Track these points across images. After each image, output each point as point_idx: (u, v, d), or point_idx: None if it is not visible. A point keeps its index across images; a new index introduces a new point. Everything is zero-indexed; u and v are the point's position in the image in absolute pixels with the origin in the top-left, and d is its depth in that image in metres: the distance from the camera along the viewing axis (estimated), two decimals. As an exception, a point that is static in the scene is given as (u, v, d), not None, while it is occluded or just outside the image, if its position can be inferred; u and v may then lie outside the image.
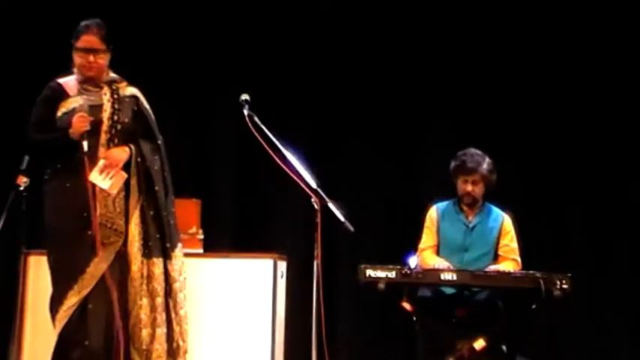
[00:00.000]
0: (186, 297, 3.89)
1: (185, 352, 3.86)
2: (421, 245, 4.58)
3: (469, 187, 4.50)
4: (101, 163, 3.70)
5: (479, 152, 4.56)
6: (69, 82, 3.83)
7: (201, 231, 4.76)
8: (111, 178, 3.73)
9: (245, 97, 4.03)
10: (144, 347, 3.75)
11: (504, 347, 4.33)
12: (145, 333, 3.76)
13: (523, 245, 4.62)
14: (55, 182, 3.76)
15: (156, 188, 3.81)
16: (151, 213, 3.81)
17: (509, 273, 4.26)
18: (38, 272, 4.44)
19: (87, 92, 3.82)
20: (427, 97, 5.82)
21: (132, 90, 3.91)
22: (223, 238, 5.47)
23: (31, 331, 4.52)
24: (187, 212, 4.59)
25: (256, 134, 3.95)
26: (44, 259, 4.02)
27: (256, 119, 3.97)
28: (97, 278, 3.71)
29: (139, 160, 3.80)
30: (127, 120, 3.82)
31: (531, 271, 4.16)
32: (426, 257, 4.52)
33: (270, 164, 4.01)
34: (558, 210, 5.72)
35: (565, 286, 4.08)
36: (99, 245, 3.71)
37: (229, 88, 5.00)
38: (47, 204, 3.79)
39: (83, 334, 3.69)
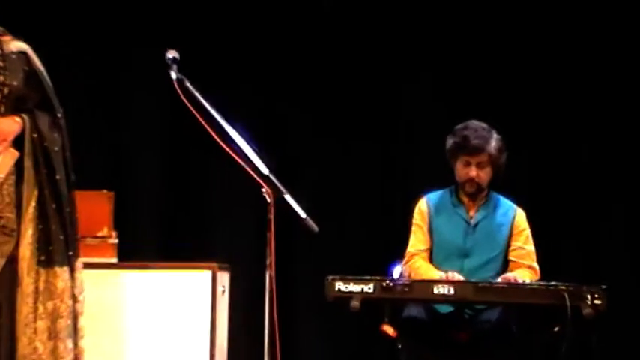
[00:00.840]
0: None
1: None
2: (409, 249, 4.60)
3: (473, 172, 4.49)
4: None
5: (484, 125, 4.57)
6: None
7: (114, 233, 4.86)
8: None
9: (173, 54, 3.90)
10: None
11: None
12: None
13: (540, 248, 4.65)
14: None
15: (57, 176, 3.82)
16: (53, 207, 3.82)
17: (523, 284, 4.26)
18: None
19: None
20: (411, 61, 5.93)
21: (20, 45, 3.91)
22: (145, 243, 5.59)
23: None
24: (96, 209, 4.72)
25: (188, 105, 3.84)
26: None
27: (189, 85, 3.85)
28: None
29: (34, 136, 3.80)
30: (16, 82, 3.84)
31: (553, 282, 4.16)
32: (415, 265, 4.53)
33: (207, 145, 3.93)
34: (586, 202, 5.86)
35: (598, 302, 4.05)
36: None
37: (151, 43, 5.17)
38: None
39: None
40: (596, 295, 4.06)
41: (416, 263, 4.54)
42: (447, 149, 4.61)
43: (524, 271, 4.50)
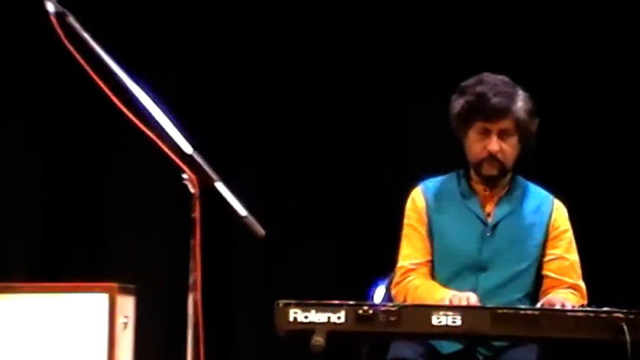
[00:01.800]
0: None
1: None
2: (401, 263, 4.47)
3: (495, 144, 4.30)
4: None
5: (505, 79, 4.44)
6: None
7: None
8: None
9: None
10: None
11: None
12: None
13: (585, 257, 4.56)
14: None
15: None
16: None
17: (563, 312, 3.99)
18: None
19: None
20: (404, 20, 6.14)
21: None
22: (17, 258, 5.64)
23: None
24: None
25: (71, 49, 3.73)
26: None
27: (73, 22, 3.74)
28: None
29: None
30: None
31: (606, 308, 3.87)
32: (413, 285, 4.41)
33: (100, 110, 4.39)
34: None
35: None
36: None
37: None
38: None
39: None
40: None
41: (414, 281, 4.39)
42: (455, 115, 4.42)
43: (566, 293, 4.36)
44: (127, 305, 4.71)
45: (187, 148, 3.69)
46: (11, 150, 6.10)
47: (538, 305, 4.25)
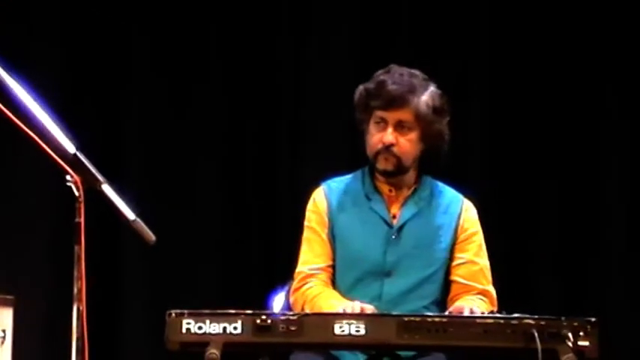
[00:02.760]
0: None
1: None
2: (300, 268, 4.46)
3: (389, 135, 4.31)
4: None
5: (414, 71, 4.42)
6: None
7: None
8: None
9: None
10: None
11: None
12: None
13: (496, 264, 4.57)
14: None
15: None
16: None
17: (472, 318, 4.06)
18: None
19: None
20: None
21: None
22: None
23: None
24: None
25: None
26: None
27: None
28: None
29: None
30: None
31: (516, 315, 3.95)
32: (312, 292, 4.39)
33: None
34: (569, 192, 6.12)
35: (584, 343, 3.86)
36: None
37: None
38: None
39: None
40: (581, 333, 3.88)
41: (313, 289, 4.37)
42: (355, 103, 4.46)
43: (475, 300, 4.36)
44: (4, 318, 4.64)
45: (70, 147, 3.70)
46: None
47: (446, 313, 4.24)
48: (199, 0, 6.63)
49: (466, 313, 4.22)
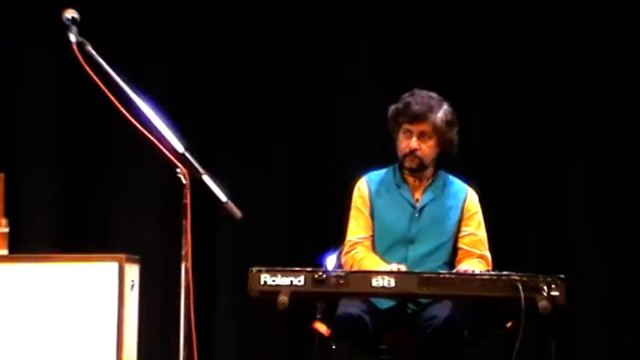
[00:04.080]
0: None
1: None
2: (349, 237, 4.54)
3: (413, 142, 4.42)
4: None
5: (432, 94, 4.51)
6: None
7: (5, 221, 4.88)
8: None
9: (71, 14, 3.81)
10: None
11: None
12: None
13: (492, 235, 4.62)
14: None
15: None
16: None
17: (473, 275, 4.13)
18: None
19: None
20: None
21: None
22: (41, 232, 5.57)
23: None
24: None
25: (90, 72, 3.73)
26: None
27: (90, 50, 3.74)
28: None
29: None
30: None
31: (505, 272, 4.04)
32: (359, 256, 4.47)
33: (108, 119, 4.46)
34: (549, 182, 5.94)
35: (555, 293, 3.93)
36: None
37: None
38: None
39: None
40: (553, 286, 3.94)
41: (359, 254, 4.47)
42: (388, 118, 4.54)
43: (475, 262, 4.47)
44: (132, 271, 4.75)
45: (180, 147, 3.74)
46: (31, 145, 5.88)
47: (454, 271, 4.33)
48: (264, 14, 6.14)
49: (468, 272, 4.25)
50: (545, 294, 3.90)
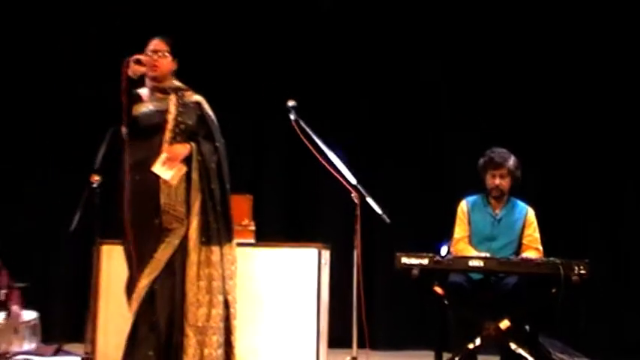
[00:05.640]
0: (235, 284, 4.00)
1: (235, 329, 3.97)
2: (455, 236, 4.60)
3: (497, 181, 4.50)
4: (163, 156, 3.83)
5: (504, 150, 4.57)
6: (143, 91, 4.06)
7: (252, 223, 4.76)
8: (171, 170, 3.82)
9: (292, 103, 4.16)
10: (199, 324, 3.84)
11: (527, 327, 4.35)
12: (201, 312, 3.85)
13: (545, 236, 4.59)
14: (128, 177, 3.88)
15: (212, 186, 3.93)
16: (210, 205, 3.91)
17: (531, 260, 4.24)
18: (110, 260, 4.61)
19: (156, 99, 4.03)
20: (454, 110, 5.90)
21: (196, 97, 4.06)
22: (273, 230, 5.42)
23: (104, 312, 4.65)
24: (241, 206, 4.59)
25: (302, 137, 4.07)
26: (115, 248, 4.22)
27: (302, 123, 4.10)
28: (163, 263, 3.86)
29: (199, 158, 3.92)
30: (190, 122, 3.97)
31: (552, 258, 4.17)
32: (459, 247, 4.52)
33: (315, 163, 4.14)
34: (576, 206, 5.77)
35: (582, 272, 4.06)
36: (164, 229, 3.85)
37: (278, 97, 4.87)
38: (120, 196, 3.90)
39: (152, 312, 3.83)
40: (581, 267, 4.07)
41: (459, 246, 4.54)
42: (479, 166, 4.60)
43: (533, 252, 4.48)
44: (325, 254, 4.77)
45: (353, 180, 4.12)
46: (270, 178, 5.97)
47: (518, 257, 4.34)
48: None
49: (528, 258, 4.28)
50: (576, 272, 4.05)
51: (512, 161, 4.53)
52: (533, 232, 4.55)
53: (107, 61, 4.92)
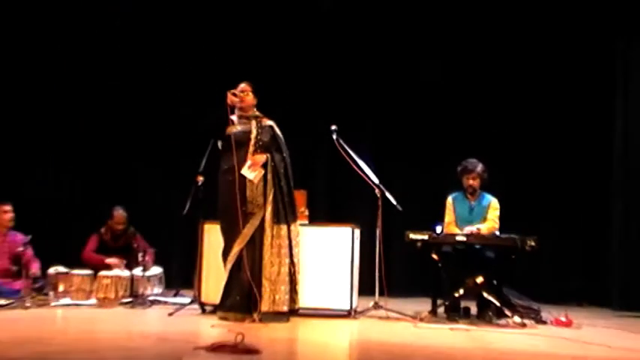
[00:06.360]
0: (299, 252, 4.43)
1: (297, 283, 4.46)
2: (445, 220, 4.96)
3: (470, 182, 4.86)
4: (248, 163, 4.34)
5: (475, 160, 4.95)
6: (233, 117, 4.64)
7: (307, 210, 5.11)
8: (254, 172, 4.29)
9: (334, 127, 4.70)
10: (272, 278, 4.31)
11: (495, 282, 4.69)
12: (274, 270, 4.31)
13: (507, 219, 4.92)
14: (223, 178, 4.44)
15: (281, 184, 4.45)
16: (280, 197, 4.39)
17: (497, 236, 4.64)
18: (210, 235, 4.99)
19: (242, 123, 4.55)
20: (463, 129, 6.19)
21: (270, 122, 4.59)
22: (320, 215, 5.85)
23: (206, 269, 4.98)
24: (299, 198, 4.86)
25: (341, 151, 4.60)
26: (213, 226, 4.71)
27: (341, 141, 4.62)
28: (249, 236, 4.37)
29: (272, 164, 4.41)
30: (266, 139, 4.46)
31: (512, 235, 4.55)
32: (449, 229, 4.89)
33: (349, 168, 4.60)
34: (530, 197, 6.21)
35: (533, 244, 4.42)
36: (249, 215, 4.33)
37: (321, 121, 5.24)
38: (219, 191, 4.42)
39: (241, 271, 4.35)
40: (533, 241, 4.39)
41: (449, 227, 4.85)
42: (458, 172, 4.94)
43: (490, 222, 4.76)
44: (357, 232, 4.96)
45: (376, 180, 4.60)
46: (318, 181, 6.34)
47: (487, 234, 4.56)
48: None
49: (475, 232, 4.49)
50: (528, 245, 4.40)
51: (480, 167, 4.85)
52: (493, 212, 4.92)
53: (204, 87, 5.81)
